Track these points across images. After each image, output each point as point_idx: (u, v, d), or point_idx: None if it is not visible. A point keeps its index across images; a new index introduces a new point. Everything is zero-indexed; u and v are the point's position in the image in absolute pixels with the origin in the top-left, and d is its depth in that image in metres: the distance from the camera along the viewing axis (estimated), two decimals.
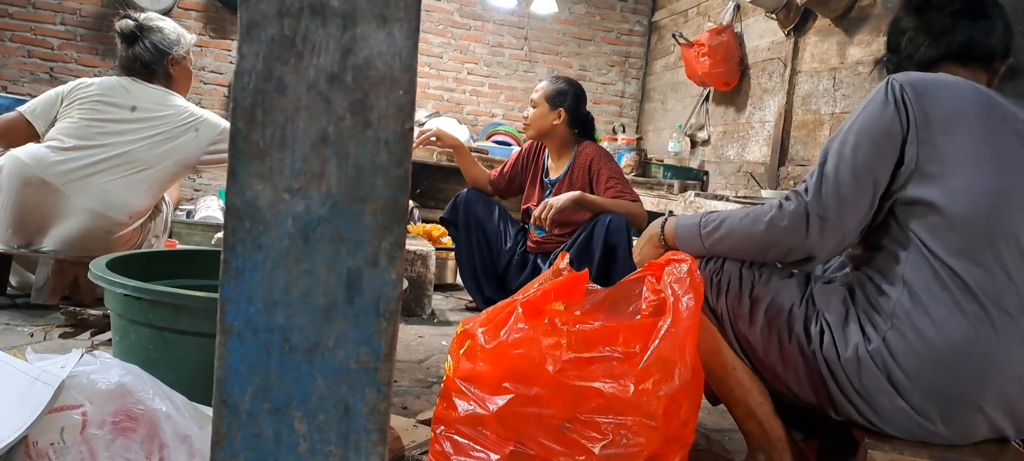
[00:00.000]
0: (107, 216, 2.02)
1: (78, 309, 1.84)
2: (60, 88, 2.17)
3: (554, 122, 2.51)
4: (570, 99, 2.52)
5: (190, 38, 2.30)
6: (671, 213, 2.09)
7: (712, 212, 1.24)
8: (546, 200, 2.31)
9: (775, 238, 1.11)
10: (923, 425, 1.02)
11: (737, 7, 3.97)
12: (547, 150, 2.65)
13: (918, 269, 1.02)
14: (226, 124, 2.21)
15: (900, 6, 1.25)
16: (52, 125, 2.11)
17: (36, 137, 2.12)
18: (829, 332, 1.07)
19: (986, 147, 1.02)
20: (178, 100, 2.19)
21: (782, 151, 3.49)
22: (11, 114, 2.15)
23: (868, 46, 3.01)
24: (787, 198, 1.10)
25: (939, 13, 1.16)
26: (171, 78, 2.24)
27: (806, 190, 1.09)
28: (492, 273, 2.62)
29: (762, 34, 3.78)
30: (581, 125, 2.59)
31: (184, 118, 2.14)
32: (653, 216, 1.44)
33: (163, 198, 2.29)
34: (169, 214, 2.38)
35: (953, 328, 0.98)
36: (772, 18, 3.56)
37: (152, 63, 2.19)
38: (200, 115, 2.18)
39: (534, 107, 2.53)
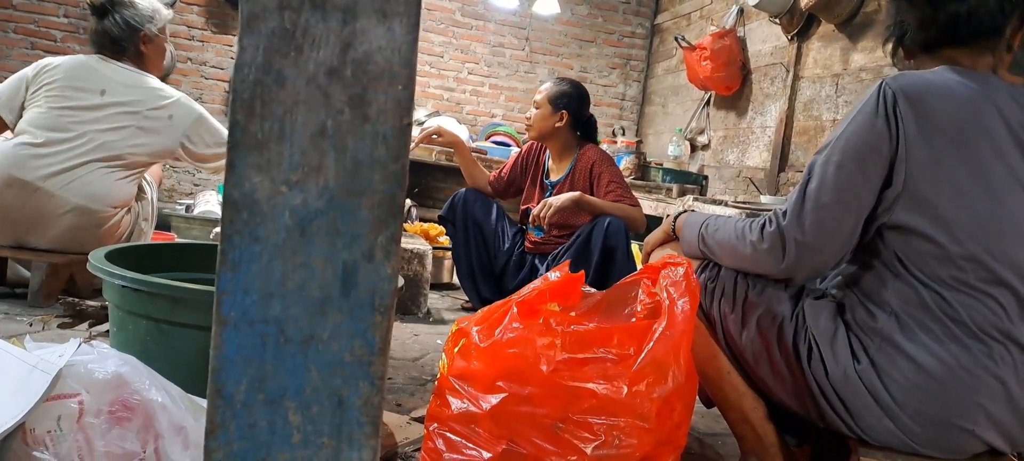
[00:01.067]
0: (93, 210, 1.98)
1: (77, 300, 1.85)
2: (24, 71, 2.06)
3: (557, 124, 2.51)
4: (573, 101, 2.52)
5: (166, 14, 2.19)
6: (691, 209, 2.09)
7: (722, 217, 1.25)
8: (546, 200, 2.31)
9: (756, 259, 1.11)
10: (912, 446, 1.02)
11: (740, 11, 3.98)
12: (548, 151, 2.65)
13: (905, 297, 1.00)
14: (202, 110, 2.14)
15: None
16: (20, 113, 2.02)
17: (2, 125, 2.05)
18: (817, 349, 1.07)
19: (978, 168, 0.98)
20: (150, 81, 2.08)
21: (783, 157, 3.50)
22: None
23: (872, 52, 3.01)
24: (769, 221, 1.09)
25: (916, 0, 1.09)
26: (142, 56, 2.13)
27: (785, 213, 1.06)
28: (489, 273, 2.62)
29: (765, 39, 3.78)
30: (583, 128, 2.59)
31: (156, 103, 2.03)
32: (653, 220, 1.46)
33: (145, 179, 2.23)
34: (154, 195, 2.33)
35: (942, 355, 0.97)
36: (775, 23, 3.57)
37: (122, 39, 2.08)
38: (173, 97, 2.08)
39: (537, 108, 2.53)
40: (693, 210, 2.00)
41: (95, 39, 2.10)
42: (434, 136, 2.61)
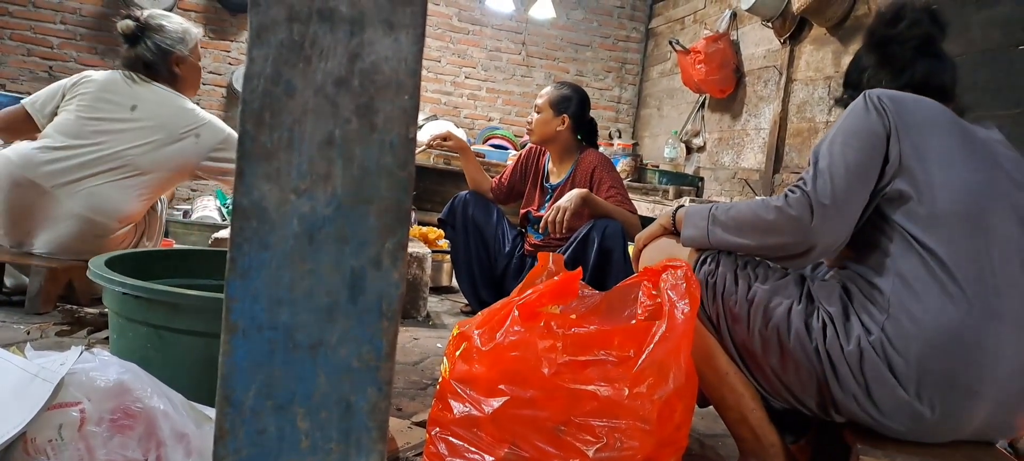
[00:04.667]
0: (96, 221, 1.97)
1: (75, 307, 1.84)
2: (63, 81, 2.11)
3: (558, 128, 2.51)
4: (575, 105, 2.52)
5: (196, 32, 2.22)
6: (691, 202, 2.11)
7: (729, 202, 1.28)
8: (557, 204, 2.27)
9: (782, 224, 1.14)
10: (920, 415, 1.04)
11: (733, 15, 4.00)
12: (548, 155, 2.65)
13: (908, 259, 1.06)
14: (230, 131, 2.15)
15: (862, 46, 1.34)
16: (51, 119, 2.05)
17: (36, 130, 2.08)
18: (831, 325, 1.09)
19: (959, 148, 1.10)
20: (183, 102, 2.12)
21: (777, 158, 3.52)
22: (14, 106, 2.11)
23: None
24: (792, 190, 1.14)
25: (901, 48, 1.24)
26: (177, 77, 2.16)
27: (805, 182, 1.13)
28: (489, 276, 2.62)
29: (758, 42, 3.80)
30: (585, 132, 2.59)
31: (187, 121, 2.07)
32: (649, 222, 1.46)
33: (159, 198, 2.25)
34: (164, 213, 2.33)
35: (946, 313, 1.01)
36: (768, 26, 3.59)
37: (155, 63, 2.11)
38: (204, 120, 2.11)
39: (538, 112, 2.53)
40: (691, 203, 2.01)
41: (128, 65, 2.13)
42: (443, 140, 2.62)
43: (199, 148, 2.09)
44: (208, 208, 3.58)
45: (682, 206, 1.36)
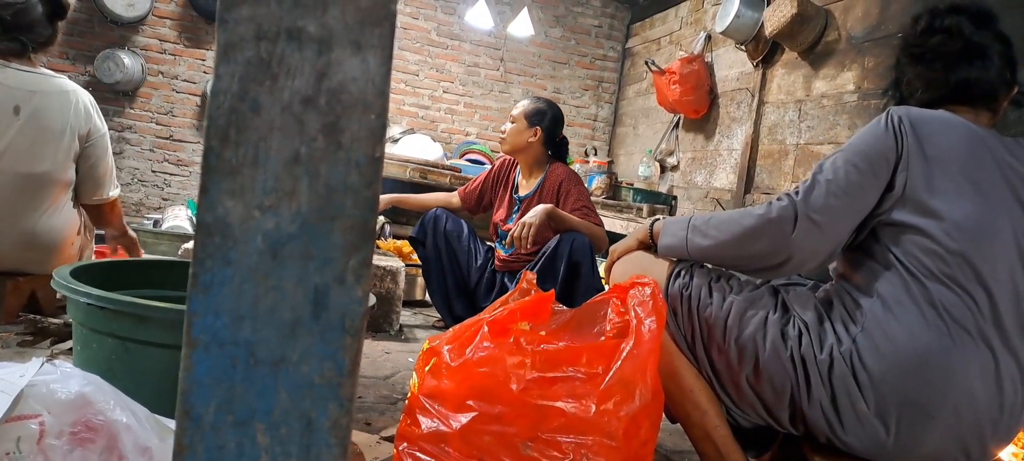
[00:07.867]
0: (58, 245, 1.92)
1: (38, 317, 1.80)
2: None
3: (530, 139, 2.56)
4: (548, 120, 2.58)
5: None
6: (667, 216, 2.13)
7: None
8: (523, 220, 2.30)
9: (762, 230, 1.13)
10: (877, 434, 1.06)
11: (708, 37, 4.08)
12: (519, 167, 2.69)
13: (892, 283, 1.07)
14: (100, 123, 1.96)
15: (899, 50, 1.28)
16: None
17: None
18: (807, 333, 1.11)
19: (969, 185, 1.08)
20: (63, 82, 1.84)
21: (748, 179, 3.58)
22: None
23: (833, 80, 3.11)
24: (779, 198, 1.15)
25: (930, 66, 1.20)
26: (54, 36, 1.87)
27: (797, 192, 1.14)
28: (463, 291, 2.62)
29: (731, 65, 3.88)
30: (555, 147, 2.64)
31: (71, 103, 1.83)
32: (620, 239, 1.48)
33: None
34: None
35: (918, 335, 1.03)
36: (741, 49, 3.67)
37: (39, 24, 1.81)
38: (82, 94, 1.89)
39: (512, 122, 2.59)
40: (667, 216, 2.03)
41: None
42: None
43: (83, 125, 1.88)
44: (179, 218, 3.53)
45: (659, 219, 1.36)
